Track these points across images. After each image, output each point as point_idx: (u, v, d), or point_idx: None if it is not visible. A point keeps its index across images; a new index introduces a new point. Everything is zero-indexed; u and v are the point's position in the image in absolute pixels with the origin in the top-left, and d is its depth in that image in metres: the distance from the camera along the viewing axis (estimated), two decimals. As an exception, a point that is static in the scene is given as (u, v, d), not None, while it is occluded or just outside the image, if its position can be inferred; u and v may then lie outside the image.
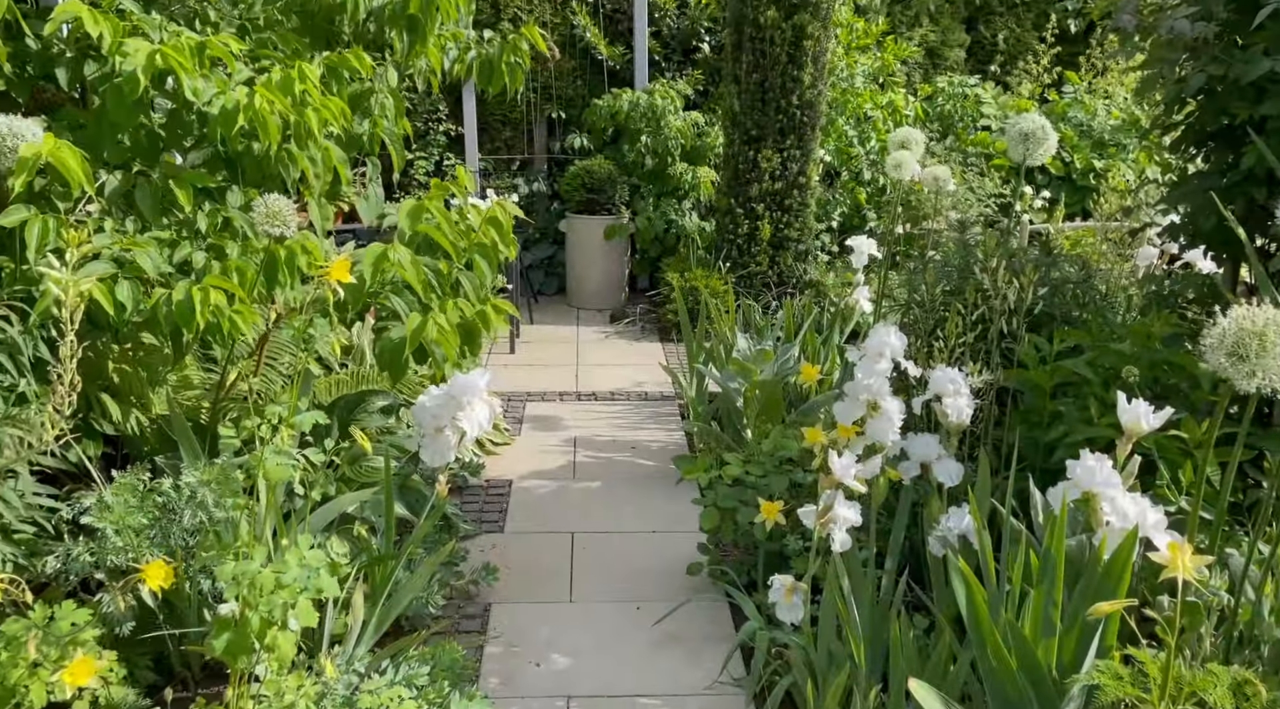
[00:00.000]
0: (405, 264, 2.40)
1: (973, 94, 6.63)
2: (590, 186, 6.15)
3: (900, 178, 3.92)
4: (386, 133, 2.98)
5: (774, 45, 5.38)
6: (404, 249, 2.42)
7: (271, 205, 2.24)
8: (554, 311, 6.26)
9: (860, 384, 2.22)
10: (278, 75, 2.32)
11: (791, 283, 5.73)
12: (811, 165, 5.65)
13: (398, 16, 2.62)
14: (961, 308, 2.61)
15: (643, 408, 4.49)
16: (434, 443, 2.12)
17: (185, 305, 2.10)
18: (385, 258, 2.39)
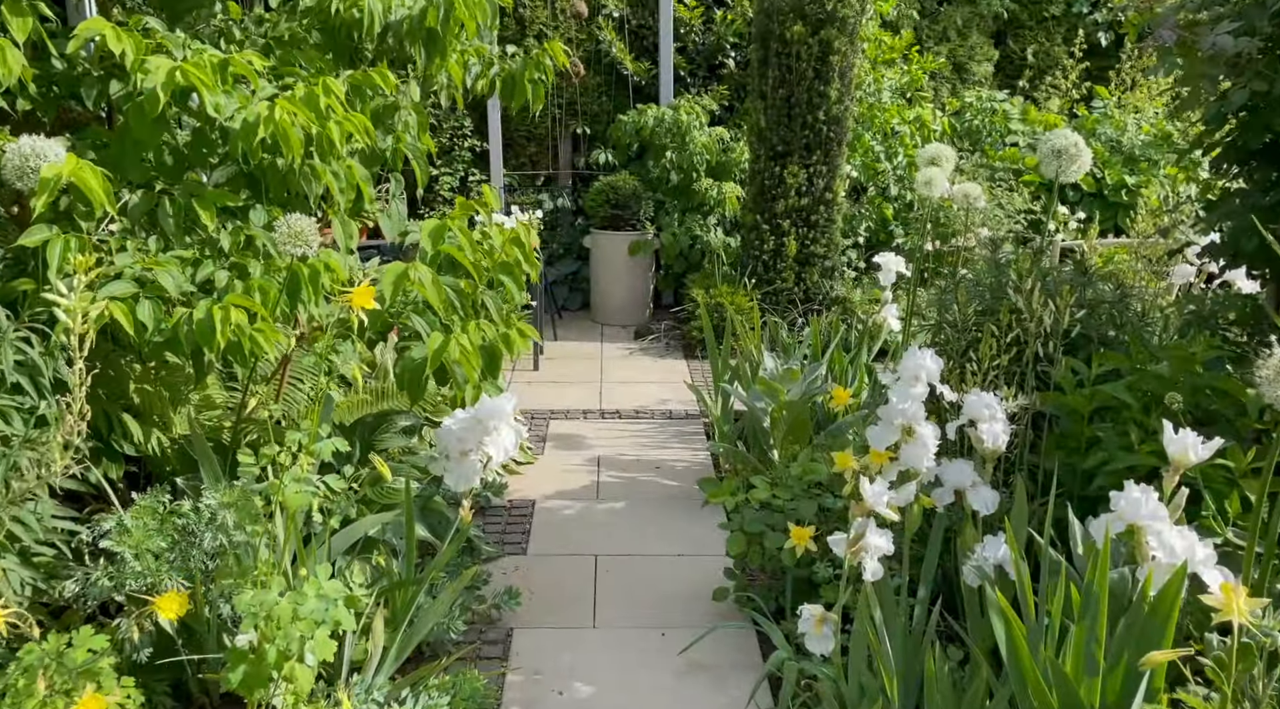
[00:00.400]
0: (426, 284, 2.37)
1: (1001, 109, 6.55)
2: (615, 202, 6.13)
3: (930, 195, 3.85)
4: (410, 148, 2.97)
5: (800, 60, 5.34)
6: (425, 269, 2.39)
7: (294, 225, 2.22)
8: (578, 327, 6.23)
9: (895, 408, 2.16)
10: (301, 91, 2.30)
11: (818, 299, 5.67)
12: (838, 181, 5.59)
13: (416, 31, 2.60)
14: (995, 329, 2.54)
15: (667, 426, 4.44)
16: (459, 467, 2.08)
17: (206, 324, 2.07)
18: (406, 277, 2.36)
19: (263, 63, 2.30)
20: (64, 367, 2.11)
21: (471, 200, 3.02)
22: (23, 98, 2.29)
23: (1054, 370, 2.60)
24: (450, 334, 2.43)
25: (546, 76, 3.19)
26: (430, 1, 2.58)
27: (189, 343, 2.10)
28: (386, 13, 2.61)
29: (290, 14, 2.70)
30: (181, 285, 2.16)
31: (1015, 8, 7.34)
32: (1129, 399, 2.32)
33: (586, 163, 6.78)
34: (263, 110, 2.11)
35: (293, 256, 2.26)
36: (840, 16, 5.26)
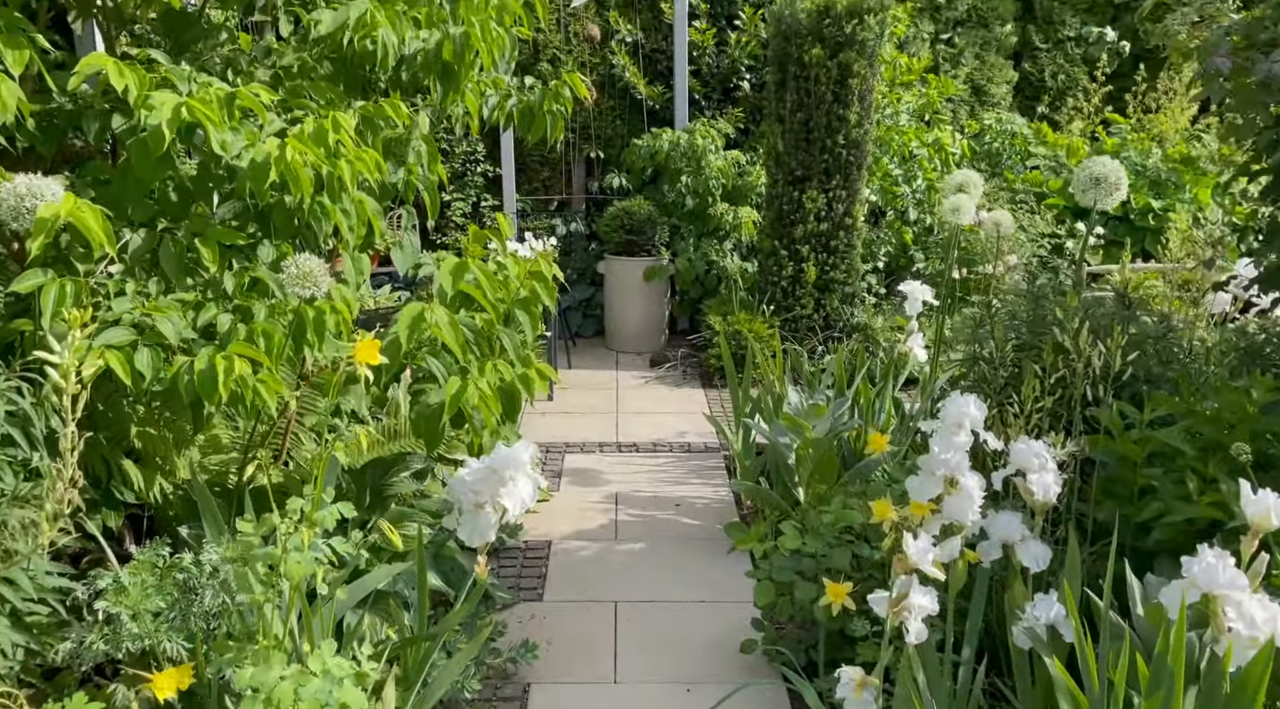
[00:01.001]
0: (443, 326, 2.26)
1: (1021, 132, 6.44)
2: (629, 227, 6.03)
3: (959, 222, 3.73)
4: (421, 180, 2.87)
5: (819, 84, 5.24)
6: (442, 310, 2.28)
7: (302, 265, 2.11)
8: (592, 355, 6.11)
9: (937, 458, 2.03)
10: (310, 126, 2.20)
11: (838, 326, 5.54)
12: (858, 206, 5.48)
13: (431, 64, 2.50)
14: (1038, 370, 2.41)
15: (686, 460, 4.30)
16: (473, 520, 1.95)
17: (207, 375, 1.96)
18: (422, 319, 2.25)
19: (270, 95, 2.20)
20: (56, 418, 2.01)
21: (486, 229, 2.92)
22: (21, 134, 2.19)
23: (1099, 412, 2.46)
24: (468, 378, 2.31)
25: (565, 107, 3.09)
26: (446, 34, 2.49)
27: (189, 394, 1.99)
28: (401, 45, 2.51)
29: (301, 44, 2.61)
30: (182, 331, 2.05)
31: (1030, 29, 7.24)
32: (1185, 446, 2.18)
33: (600, 187, 6.69)
34: (273, 150, 2.00)
35: (300, 298, 2.16)
36: (859, 40, 5.16)
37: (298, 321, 2.20)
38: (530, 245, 5.32)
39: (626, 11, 6.49)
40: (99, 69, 1.97)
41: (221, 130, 2.04)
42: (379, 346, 1.78)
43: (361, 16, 2.36)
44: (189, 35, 2.59)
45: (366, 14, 2.34)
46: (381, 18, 2.38)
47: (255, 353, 2.03)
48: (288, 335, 2.19)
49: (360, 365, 1.74)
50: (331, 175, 2.13)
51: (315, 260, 2.14)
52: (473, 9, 2.67)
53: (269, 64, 2.59)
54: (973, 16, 7.01)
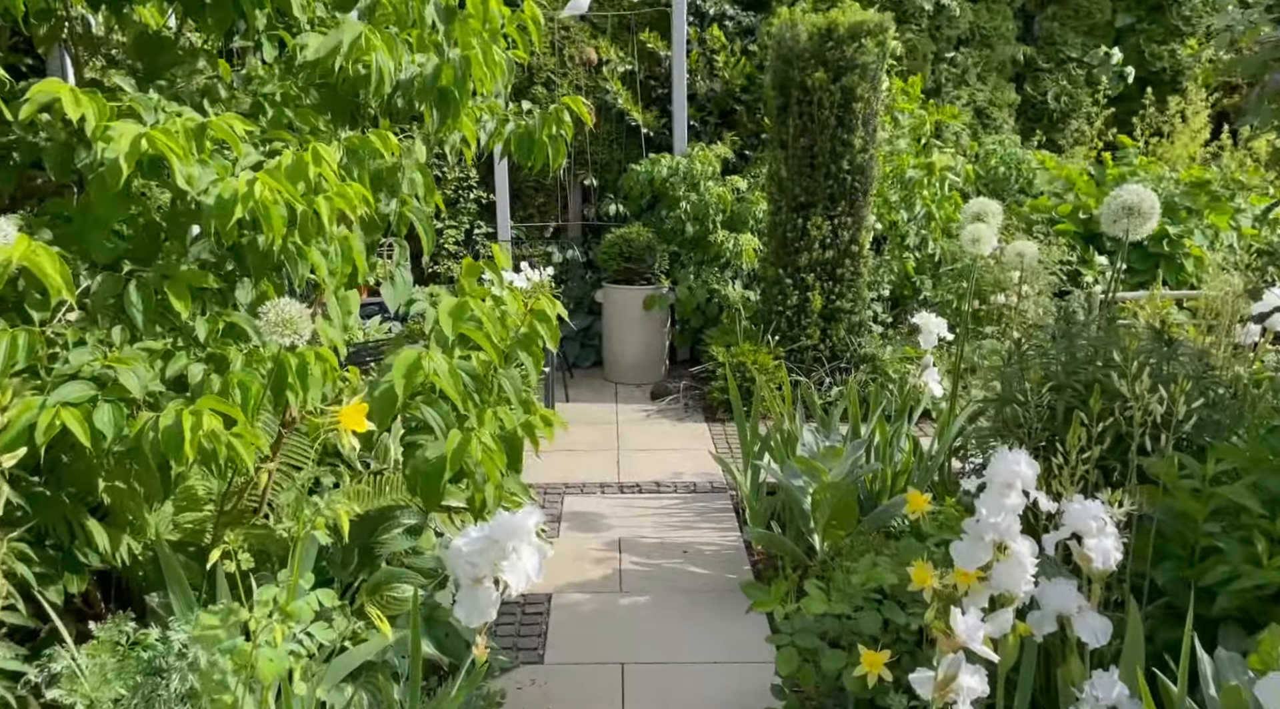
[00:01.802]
0: (442, 374, 2.06)
1: (1026, 158, 6.29)
2: (628, 255, 5.85)
3: (979, 253, 3.56)
4: (415, 213, 2.67)
5: (822, 108, 5.10)
6: (441, 358, 2.08)
7: (282, 311, 1.92)
8: (591, 387, 5.91)
9: (985, 523, 1.83)
10: (289, 158, 2.01)
11: (845, 357, 5.36)
12: (864, 232, 5.32)
13: (427, 90, 2.32)
14: (1084, 418, 2.22)
15: (691, 502, 4.10)
16: (471, 597, 1.74)
17: (173, 432, 1.76)
18: (419, 367, 2.05)
19: (246, 125, 2.01)
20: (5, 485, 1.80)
21: (481, 261, 2.73)
22: (-30, 169, 2.00)
23: (1153, 464, 2.27)
24: (470, 431, 2.11)
25: (567, 133, 2.91)
26: (445, 59, 2.30)
27: (154, 454, 1.79)
28: (397, 70, 2.33)
29: (286, 70, 2.42)
30: (148, 384, 1.85)
31: (1032, 51, 7.13)
32: (1253, 504, 1.99)
33: (597, 214, 6.52)
34: (241, 186, 1.81)
35: (280, 346, 1.96)
36: (861, 63, 5.02)
37: (278, 370, 2.00)
38: (526, 275, 5.14)
39: (622, 34, 6.35)
40: (54, 97, 1.77)
41: (188, 163, 1.85)
42: (365, 409, 1.58)
43: (356, 41, 2.17)
44: (162, 60, 2.39)
45: (361, 38, 2.16)
46: (377, 41, 2.20)
47: (228, 407, 1.83)
48: (266, 386, 1.99)
49: (345, 433, 1.54)
50: (306, 213, 1.94)
51: (296, 305, 1.95)
52: (468, 31, 2.50)
53: (250, 91, 2.40)
54: (975, 35, 6.88)
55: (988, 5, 6.85)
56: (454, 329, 2.19)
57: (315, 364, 2.02)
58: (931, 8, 6.53)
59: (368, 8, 2.50)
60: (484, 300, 2.64)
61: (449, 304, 2.23)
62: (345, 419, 1.52)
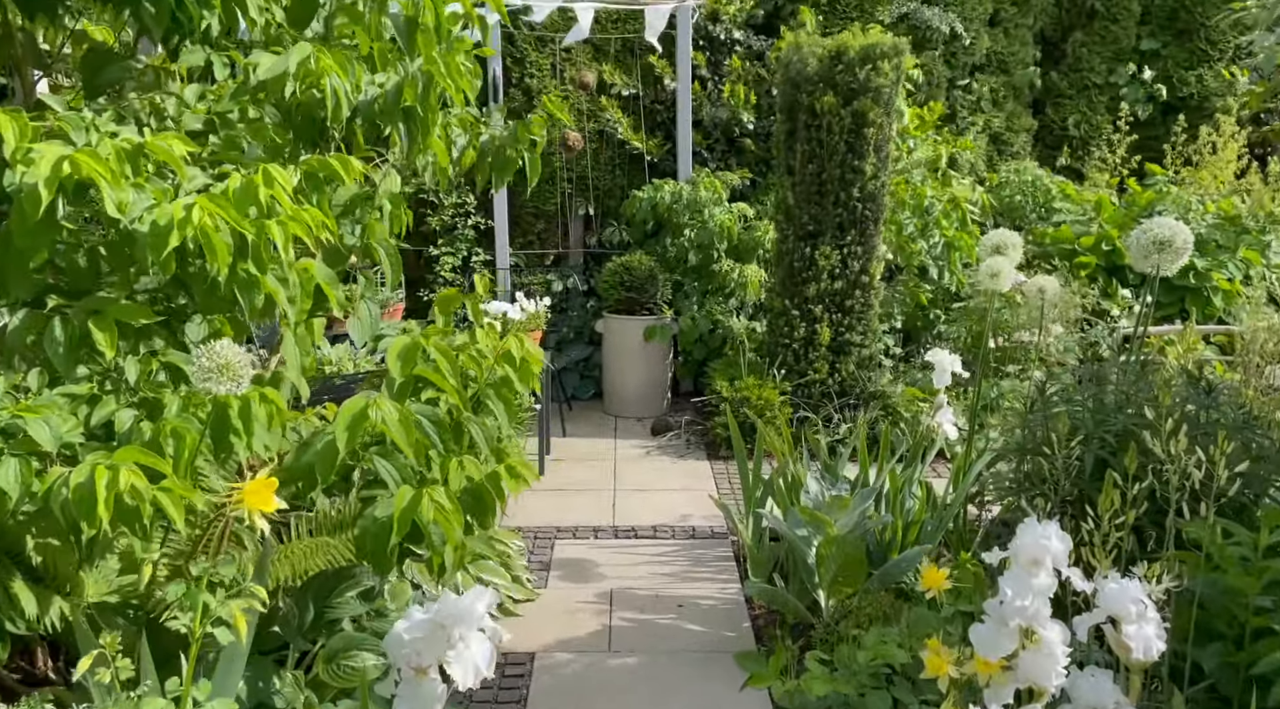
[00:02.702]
0: (392, 425, 1.85)
1: (1045, 185, 6.08)
2: (629, 284, 5.64)
3: (997, 288, 3.34)
4: (381, 242, 2.47)
5: (831, 134, 4.89)
6: (390, 405, 1.87)
7: (220, 354, 1.71)
8: (589, 421, 5.69)
9: (1011, 606, 1.60)
10: (238, 181, 1.81)
11: (854, 393, 5.12)
12: (875, 263, 5.10)
13: (391, 110, 2.12)
14: (1119, 479, 1.99)
15: (690, 549, 3.86)
16: (413, 691, 1.52)
17: (85, 490, 1.55)
18: (365, 417, 1.84)
19: (189, 146, 1.82)
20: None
21: (459, 293, 2.53)
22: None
23: (1195, 530, 2.04)
24: (424, 486, 1.90)
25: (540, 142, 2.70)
26: (407, 75, 2.11)
27: (64, 515, 1.58)
28: (356, 92, 2.13)
29: (241, 89, 2.23)
30: (65, 435, 1.65)
31: (1054, 76, 6.93)
32: (1315, 582, 1.75)
33: (599, 241, 6.33)
34: (176, 212, 1.61)
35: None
36: (874, 87, 4.82)
37: (218, 416, 1.80)
38: (521, 305, 4.94)
39: (625, 60, 6.18)
40: (-38, 115, 1.58)
41: (119, 188, 1.65)
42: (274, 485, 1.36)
43: (304, 62, 1.98)
44: (106, 76, 2.21)
45: (309, 58, 1.97)
46: (329, 62, 2.00)
47: (152, 459, 1.62)
48: (205, 433, 1.78)
49: (253, 515, 1.32)
50: (257, 240, 1.73)
51: (235, 349, 1.74)
52: (430, 42, 2.31)
53: (202, 110, 2.20)
54: (992, 61, 6.70)
55: (1006, 30, 6.67)
56: (403, 372, 1.98)
57: (260, 406, 1.82)
58: (948, 33, 6.35)
59: (326, 22, 2.32)
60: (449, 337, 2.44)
61: (398, 344, 2.02)
62: (250, 498, 1.30)
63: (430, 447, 2.06)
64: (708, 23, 6.15)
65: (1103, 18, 6.77)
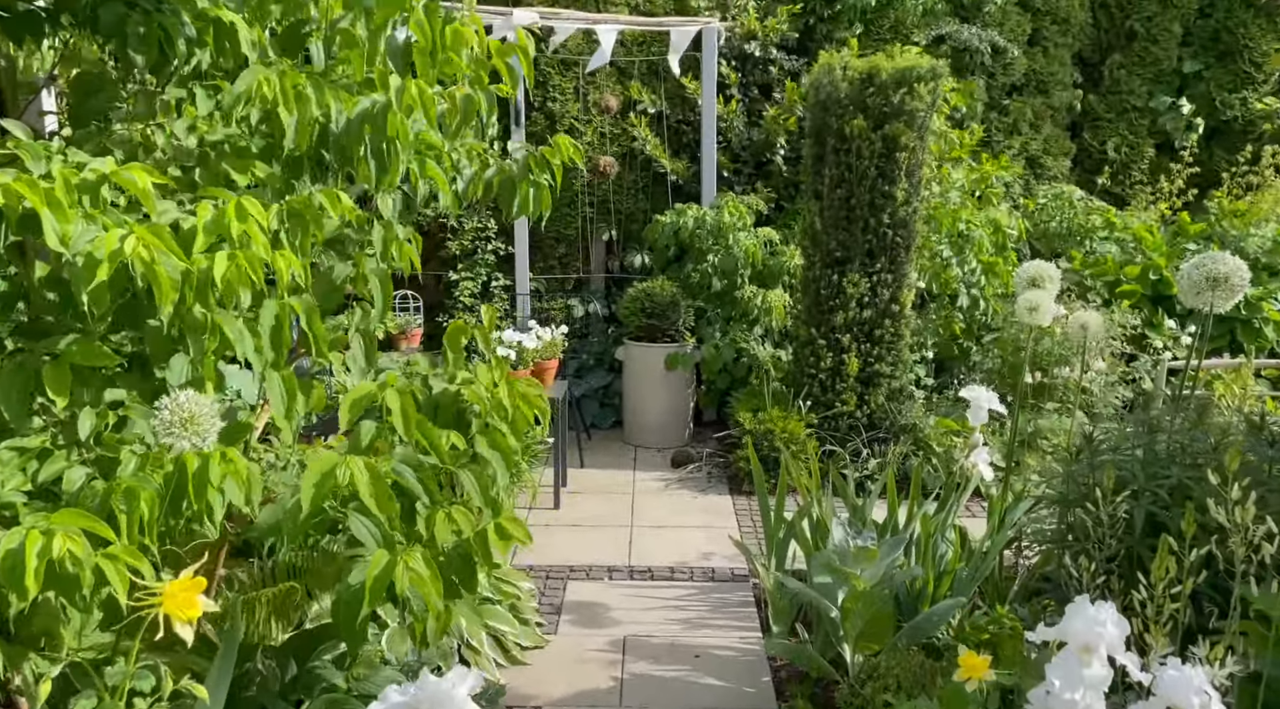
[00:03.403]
0: (363, 487, 1.70)
1: (1085, 209, 5.84)
2: (650, 311, 5.48)
3: (1036, 323, 3.14)
4: (374, 272, 2.33)
5: (861, 158, 4.72)
6: (360, 463, 1.71)
7: (185, 406, 1.58)
8: (608, 451, 5.52)
9: (1060, 700, 1.40)
10: (206, 214, 1.68)
11: (884, 426, 4.92)
12: (905, 291, 4.90)
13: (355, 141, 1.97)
14: (1174, 542, 1.78)
15: (709, 592, 3.67)
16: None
17: (16, 557, 1.40)
18: (332, 477, 1.69)
19: (156, 177, 1.68)
20: None
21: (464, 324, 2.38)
22: None
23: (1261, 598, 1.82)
24: (409, 542, 1.74)
25: (556, 177, 2.55)
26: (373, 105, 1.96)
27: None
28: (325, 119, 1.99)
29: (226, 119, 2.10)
30: (4, 495, 1.51)
31: (1093, 99, 6.71)
32: None
33: (621, 265, 6.18)
34: (110, 243, 1.47)
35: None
36: (909, 110, 4.64)
37: (178, 475, 1.65)
38: (537, 333, 4.80)
39: (650, 81, 6.05)
40: (-98, 143, 1.46)
41: (66, 219, 1.52)
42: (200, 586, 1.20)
43: (248, 91, 1.85)
44: (94, 103, 2.10)
45: (253, 87, 1.83)
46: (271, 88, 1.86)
47: (93, 523, 1.47)
48: (164, 495, 1.63)
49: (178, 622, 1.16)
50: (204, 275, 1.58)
51: (201, 400, 1.60)
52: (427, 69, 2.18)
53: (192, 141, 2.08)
54: (1031, 82, 6.49)
55: (1044, 50, 6.46)
56: (349, 419, 1.83)
57: (218, 466, 1.67)
58: (989, 51, 6.15)
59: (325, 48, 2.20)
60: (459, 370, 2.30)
61: (357, 393, 1.86)
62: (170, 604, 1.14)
63: (416, 497, 1.91)
64: (743, 42, 6.01)
65: (1143, 39, 6.55)
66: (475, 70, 2.32)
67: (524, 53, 2.39)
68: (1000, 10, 6.27)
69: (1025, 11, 6.44)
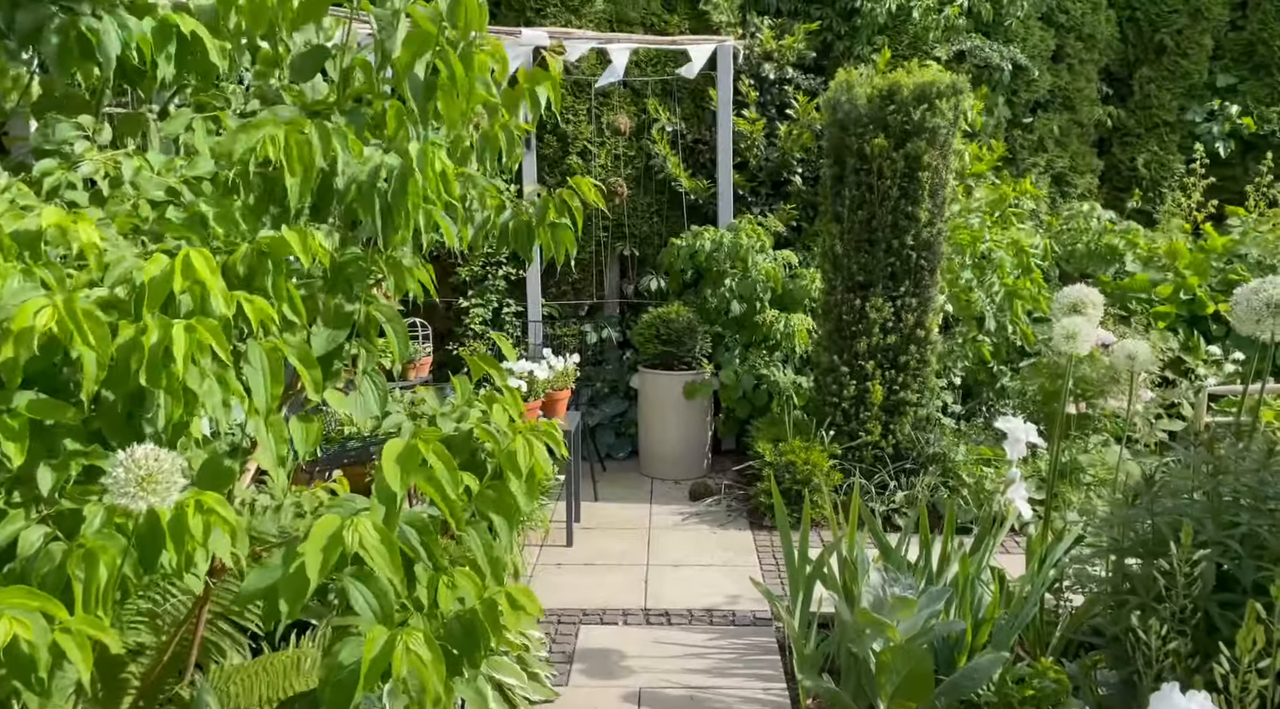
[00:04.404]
0: (373, 550, 1.53)
1: (1113, 229, 5.64)
2: (666, 337, 5.31)
3: (1076, 351, 2.95)
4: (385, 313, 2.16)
5: (883, 178, 4.55)
6: (371, 529, 1.54)
7: (142, 463, 1.41)
8: (624, 482, 5.34)
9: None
10: (154, 268, 1.50)
11: (911, 456, 4.72)
12: (931, 315, 4.71)
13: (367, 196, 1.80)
14: (1261, 611, 1.59)
15: (729, 637, 3.47)
16: None
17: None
18: (340, 541, 1.51)
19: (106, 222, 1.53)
20: None
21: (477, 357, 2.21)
22: None
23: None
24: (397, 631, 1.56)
25: (577, 217, 2.39)
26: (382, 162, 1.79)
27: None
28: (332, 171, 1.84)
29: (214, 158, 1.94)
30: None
31: (1122, 114, 6.52)
32: None
33: (636, 290, 6.02)
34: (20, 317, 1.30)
35: (146, 505, 1.44)
36: (930, 127, 4.48)
37: (149, 533, 1.49)
38: (549, 363, 4.63)
39: (666, 101, 5.92)
40: None
41: (0, 275, 1.36)
42: None
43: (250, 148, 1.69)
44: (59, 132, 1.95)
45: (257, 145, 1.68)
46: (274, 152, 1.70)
47: (42, 601, 1.30)
48: (128, 553, 1.47)
49: None
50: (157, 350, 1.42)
51: (164, 455, 1.43)
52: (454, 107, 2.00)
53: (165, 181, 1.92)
54: (1056, 98, 6.31)
55: (1069, 66, 6.29)
56: (401, 483, 1.65)
57: (197, 518, 1.50)
58: (1010, 68, 5.99)
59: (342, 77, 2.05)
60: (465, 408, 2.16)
61: (393, 449, 1.68)
62: None
63: (417, 559, 1.74)
64: (760, 62, 5.87)
65: (1172, 53, 6.37)
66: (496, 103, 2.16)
67: (553, 83, 2.23)
68: (1023, 25, 6.10)
69: (1049, 26, 6.28)
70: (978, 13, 6.01)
